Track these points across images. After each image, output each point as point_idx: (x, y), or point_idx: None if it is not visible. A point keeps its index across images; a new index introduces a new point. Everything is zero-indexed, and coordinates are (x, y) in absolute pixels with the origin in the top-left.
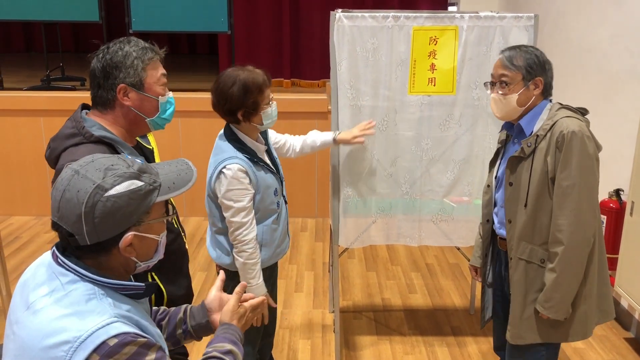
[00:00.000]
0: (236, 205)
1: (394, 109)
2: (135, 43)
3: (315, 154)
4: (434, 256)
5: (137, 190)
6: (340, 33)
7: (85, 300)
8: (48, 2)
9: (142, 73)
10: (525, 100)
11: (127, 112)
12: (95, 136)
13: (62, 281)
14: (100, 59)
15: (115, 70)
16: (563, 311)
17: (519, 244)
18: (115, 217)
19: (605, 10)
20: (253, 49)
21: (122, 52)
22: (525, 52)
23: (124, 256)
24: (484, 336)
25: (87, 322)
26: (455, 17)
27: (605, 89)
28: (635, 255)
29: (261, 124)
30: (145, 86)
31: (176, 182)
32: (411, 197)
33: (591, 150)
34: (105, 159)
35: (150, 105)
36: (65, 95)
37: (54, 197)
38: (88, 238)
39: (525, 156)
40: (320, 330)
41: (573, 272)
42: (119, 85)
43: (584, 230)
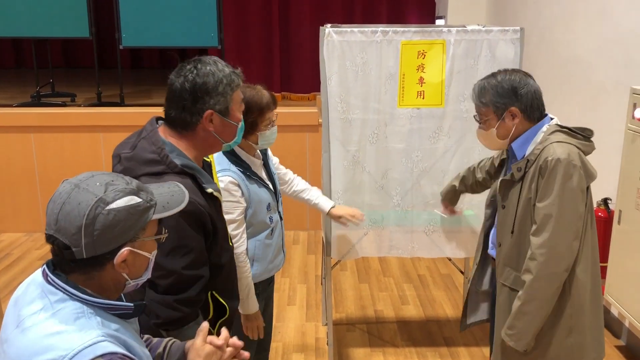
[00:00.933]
0: (227, 217)
1: (384, 122)
2: (222, 67)
3: (306, 166)
4: (425, 267)
5: (136, 205)
6: (330, 48)
7: (74, 319)
8: (38, 19)
9: (229, 101)
10: (505, 132)
11: (207, 136)
12: (179, 167)
13: (51, 300)
14: (189, 80)
15: (207, 96)
16: (523, 342)
17: (504, 269)
18: (114, 230)
19: (590, 22)
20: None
21: (213, 77)
22: (493, 84)
23: (116, 272)
24: (477, 346)
25: (74, 341)
26: (443, 31)
27: (592, 99)
28: (624, 263)
29: (256, 144)
30: (230, 113)
31: (170, 202)
32: (403, 209)
33: (575, 180)
34: (105, 175)
35: (230, 130)
36: (56, 112)
37: (51, 209)
38: (85, 251)
39: (516, 180)
40: (314, 343)
41: (538, 303)
42: (207, 111)
43: (555, 264)
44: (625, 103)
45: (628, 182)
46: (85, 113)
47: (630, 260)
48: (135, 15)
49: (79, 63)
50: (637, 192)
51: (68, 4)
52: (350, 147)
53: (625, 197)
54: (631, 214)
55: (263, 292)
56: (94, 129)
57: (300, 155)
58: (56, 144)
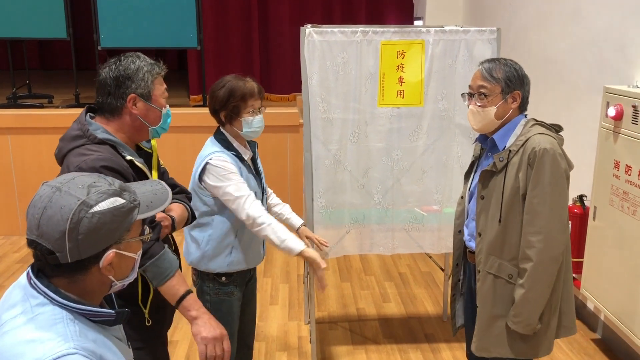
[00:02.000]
0: (232, 182)
1: (364, 121)
2: (144, 58)
3: (287, 166)
4: (406, 265)
5: (120, 207)
6: (311, 48)
7: (50, 325)
8: (15, 20)
9: (151, 86)
10: (503, 113)
11: (133, 119)
12: (98, 138)
13: (31, 303)
14: (113, 69)
15: (128, 81)
16: (531, 326)
17: (488, 257)
18: (99, 234)
19: (565, 24)
20: (223, 64)
21: (134, 65)
22: (505, 64)
23: (102, 275)
24: (457, 342)
25: (44, 350)
26: (422, 32)
27: (567, 99)
28: (599, 258)
29: (241, 130)
30: (152, 98)
31: (153, 201)
32: (383, 207)
33: (562, 168)
34: (87, 176)
35: (154, 115)
36: (33, 113)
37: (31, 214)
38: (70, 255)
39: (497, 171)
40: (297, 341)
41: (541, 288)
42: (130, 95)
43: (553, 248)
44: (599, 102)
45: (602, 179)
46: (64, 114)
47: (605, 255)
48: (114, 16)
49: (55, 65)
50: (611, 188)
51: (45, 5)
52: (331, 146)
53: (600, 193)
54: (605, 210)
55: (241, 286)
56: None
57: (281, 155)
58: (34, 146)
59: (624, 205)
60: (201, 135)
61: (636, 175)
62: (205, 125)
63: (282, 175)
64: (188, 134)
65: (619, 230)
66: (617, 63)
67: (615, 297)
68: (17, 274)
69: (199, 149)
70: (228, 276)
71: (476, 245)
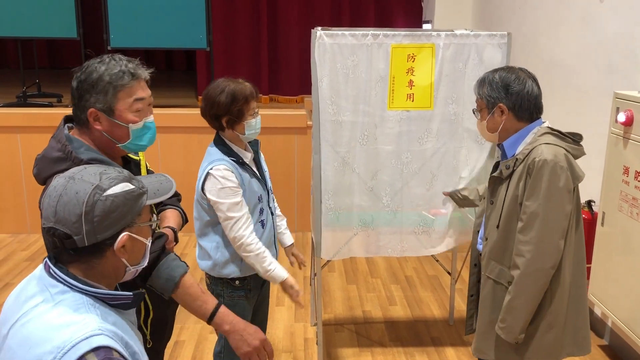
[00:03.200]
0: (229, 200)
1: (373, 124)
2: (113, 65)
3: (295, 168)
4: (412, 268)
5: (131, 191)
6: (322, 50)
7: (73, 310)
8: (26, 19)
9: (112, 100)
10: (494, 127)
11: (99, 135)
12: (84, 161)
13: (51, 292)
14: (77, 76)
15: (87, 94)
16: (513, 335)
17: (489, 262)
18: (112, 216)
19: (573, 28)
20: (231, 65)
21: (96, 74)
22: (491, 78)
23: (116, 259)
24: (464, 346)
25: (71, 333)
26: (432, 35)
27: (575, 104)
28: (607, 264)
29: (243, 134)
30: (116, 113)
31: (160, 189)
32: (392, 210)
33: (562, 181)
34: (96, 167)
35: (120, 132)
36: (43, 112)
37: (47, 204)
38: (86, 238)
39: (503, 177)
40: (303, 343)
41: (525, 298)
42: (89, 109)
43: (541, 261)
44: (608, 107)
45: (611, 184)
46: None
47: (613, 261)
48: (124, 16)
49: (63, 63)
50: (620, 194)
51: (56, 5)
52: (341, 148)
53: (609, 199)
54: (614, 216)
55: (255, 289)
56: None
57: (288, 157)
58: (43, 145)
59: (633, 212)
60: (209, 135)
61: None
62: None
63: (289, 177)
64: (195, 135)
65: (628, 236)
66: (626, 68)
67: (623, 303)
68: (26, 272)
69: (206, 149)
70: (242, 280)
71: (482, 249)
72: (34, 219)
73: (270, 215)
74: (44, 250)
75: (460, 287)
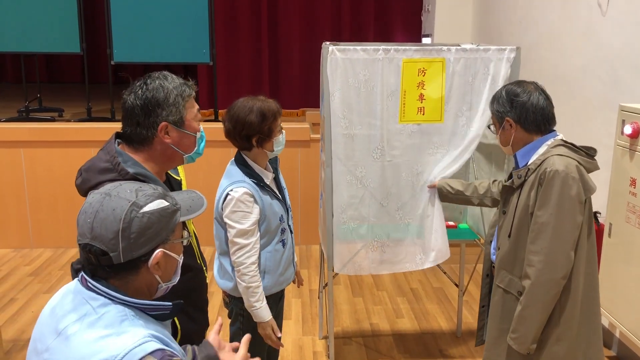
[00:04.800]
0: (239, 226)
1: (385, 137)
2: (172, 79)
3: (298, 181)
4: (418, 281)
5: (166, 208)
6: (333, 65)
7: (119, 322)
8: (29, 34)
9: (182, 110)
10: (506, 140)
11: (165, 149)
12: (130, 174)
13: (93, 305)
14: (139, 96)
15: (158, 109)
16: (525, 346)
17: (500, 272)
18: (148, 232)
19: (576, 41)
20: (232, 79)
21: (163, 89)
22: (499, 94)
23: (150, 275)
24: (472, 358)
25: (123, 342)
26: (443, 50)
27: (580, 116)
28: (614, 274)
29: (272, 150)
30: (186, 123)
31: (192, 205)
32: (403, 222)
33: (573, 192)
34: (132, 183)
35: (188, 141)
36: (45, 127)
37: (83, 220)
38: (122, 255)
39: (515, 187)
40: (312, 357)
41: (537, 309)
42: (161, 124)
43: (552, 271)
44: (613, 120)
45: (618, 196)
46: (76, 128)
47: (621, 272)
48: (127, 31)
49: (63, 78)
50: (627, 205)
51: (59, 20)
52: (352, 162)
53: (616, 210)
54: (621, 227)
55: (274, 307)
56: (85, 144)
57: (292, 171)
58: (46, 159)
59: None
60: (212, 149)
61: None
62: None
63: (292, 190)
64: None
65: (635, 247)
66: (631, 81)
67: (630, 313)
68: (29, 287)
69: (210, 163)
70: None
71: (495, 259)
72: (37, 234)
73: (290, 234)
74: (47, 265)
75: (467, 299)
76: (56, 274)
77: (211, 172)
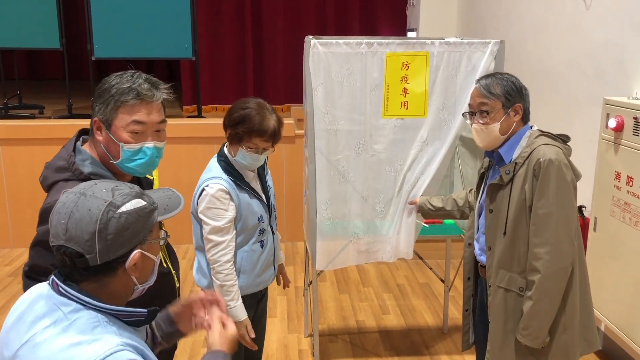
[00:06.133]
0: (213, 223)
1: (368, 132)
2: (126, 80)
3: (283, 177)
4: (404, 277)
5: (143, 207)
6: (316, 59)
7: (91, 328)
8: (7, 30)
9: (111, 113)
10: (507, 128)
11: (99, 147)
12: (84, 174)
13: (64, 311)
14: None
15: (95, 102)
16: (540, 339)
17: (498, 271)
18: (126, 234)
19: (561, 36)
20: (216, 75)
21: (107, 85)
22: (501, 79)
23: (127, 277)
24: (459, 354)
25: (95, 350)
26: (426, 43)
27: (565, 111)
28: (599, 268)
29: (233, 157)
30: (112, 128)
31: (169, 204)
32: (386, 218)
33: (568, 178)
34: (107, 182)
35: (114, 148)
36: (25, 124)
37: (57, 221)
38: (99, 257)
39: (504, 184)
40: (297, 355)
41: (550, 300)
42: (94, 118)
43: (561, 260)
44: (598, 113)
45: (603, 190)
46: (57, 125)
47: (606, 265)
48: (108, 26)
49: (43, 74)
50: (612, 199)
51: (38, 15)
52: (336, 157)
53: (601, 204)
54: (606, 221)
55: (251, 307)
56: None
57: (276, 166)
58: (26, 157)
59: (626, 217)
60: (195, 146)
61: (638, 186)
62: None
63: (277, 187)
64: (183, 145)
65: (620, 241)
66: (615, 75)
67: (616, 307)
68: (9, 288)
69: (193, 160)
70: None
71: (487, 259)
72: (17, 234)
73: (271, 235)
74: None
75: (453, 294)
76: None
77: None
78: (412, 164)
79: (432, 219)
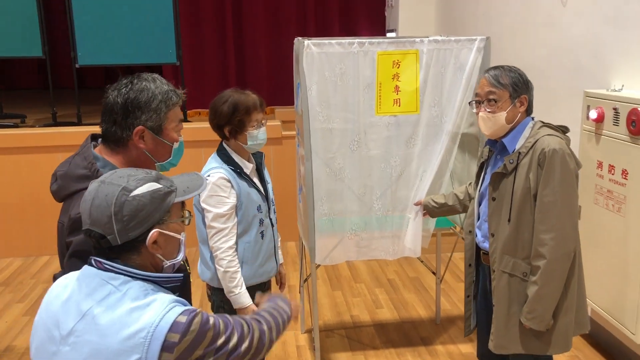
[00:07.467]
0: (216, 210)
1: (362, 130)
2: (160, 84)
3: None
4: (394, 272)
5: (157, 190)
6: (309, 60)
7: (144, 294)
8: None
9: (163, 118)
10: (512, 118)
11: (139, 154)
12: None
13: (114, 284)
14: (123, 94)
15: (138, 111)
16: (545, 322)
17: (502, 257)
18: (141, 214)
19: (538, 32)
20: (199, 78)
21: (147, 92)
22: (510, 70)
23: (151, 254)
24: (453, 344)
25: (154, 310)
26: (416, 42)
27: (546, 104)
28: (585, 255)
29: (246, 144)
30: (164, 131)
31: (190, 186)
32: (383, 214)
33: (572, 167)
34: (126, 170)
35: (163, 150)
36: (9, 133)
37: (83, 208)
38: (119, 237)
39: (508, 172)
40: (295, 350)
41: (554, 285)
42: (137, 127)
43: (565, 245)
44: (578, 106)
45: (586, 179)
46: (42, 134)
47: (592, 252)
48: (91, 33)
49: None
50: (595, 187)
51: (19, 24)
52: (331, 155)
53: (584, 193)
54: (590, 209)
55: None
56: (52, 149)
57: None
58: (12, 166)
59: (609, 203)
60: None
61: (619, 174)
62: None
63: None
64: None
65: (605, 227)
66: (593, 68)
67: (602, 292)
68: (0, 298)
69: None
70: None
71: (490, 246)
72: (5, 243)
73: (271, 227)
74: (18, 274)
75: (443, 287)
76: (28, 282)
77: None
78: (407, 159)
79: (437, 216)
